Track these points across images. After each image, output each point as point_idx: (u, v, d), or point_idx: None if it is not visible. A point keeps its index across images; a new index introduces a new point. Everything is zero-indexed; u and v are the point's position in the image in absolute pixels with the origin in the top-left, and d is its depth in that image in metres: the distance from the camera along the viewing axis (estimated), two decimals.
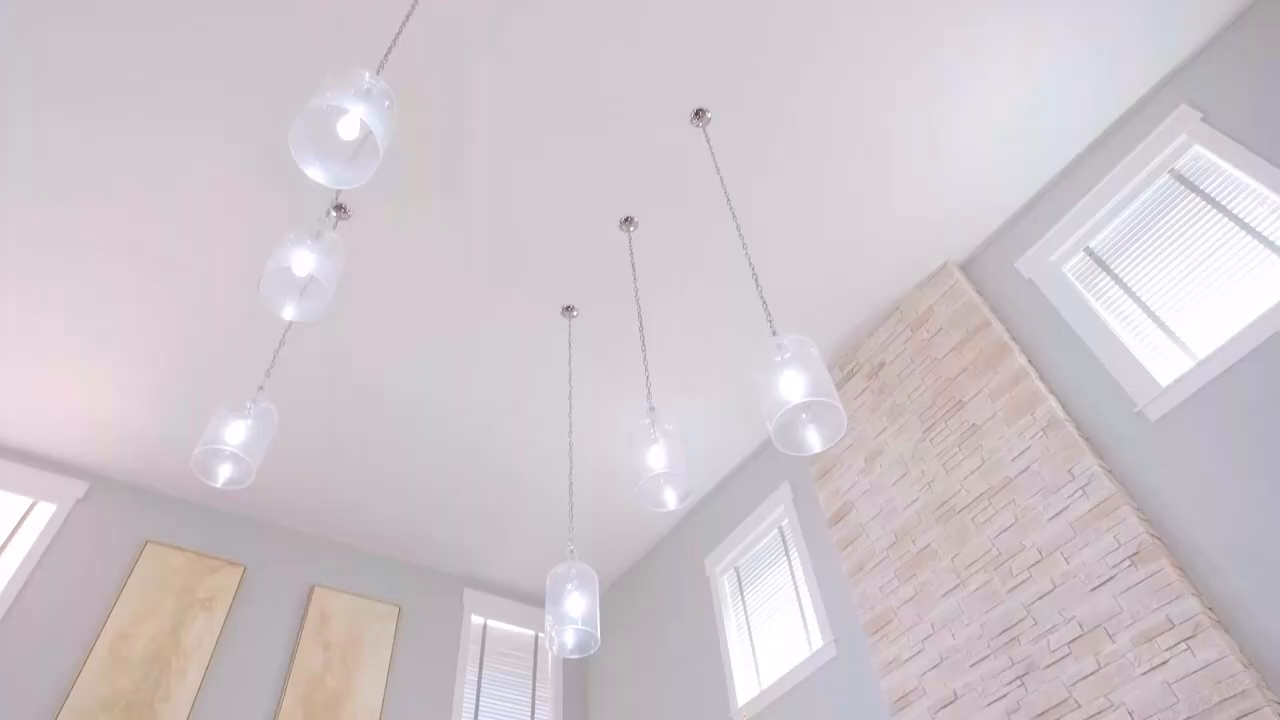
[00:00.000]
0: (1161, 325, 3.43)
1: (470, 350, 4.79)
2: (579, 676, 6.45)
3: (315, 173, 2.51)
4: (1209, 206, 3.46)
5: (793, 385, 2.37)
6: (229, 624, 5.33)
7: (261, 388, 3.27)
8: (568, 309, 4.58)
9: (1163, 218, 3.63)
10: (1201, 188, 3.52)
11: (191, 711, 4.84)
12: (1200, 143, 3.54)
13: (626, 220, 4.15)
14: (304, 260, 2.92)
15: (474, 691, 5.96)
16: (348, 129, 2.50)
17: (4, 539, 5.02)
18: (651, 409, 3.13)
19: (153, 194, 4.00)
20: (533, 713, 6.09)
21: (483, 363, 4.86)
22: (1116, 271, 3.72)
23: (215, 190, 4.00)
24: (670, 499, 3.02)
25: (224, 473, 3.19)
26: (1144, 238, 3.67)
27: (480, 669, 6.13)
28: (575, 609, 3.06)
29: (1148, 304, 3.53)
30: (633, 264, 4.12)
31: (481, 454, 5.45)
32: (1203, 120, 3.56)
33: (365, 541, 6.15)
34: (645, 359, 3.77)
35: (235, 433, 3.13)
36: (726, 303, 4.58)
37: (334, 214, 4.23)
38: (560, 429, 5.33)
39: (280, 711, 5.08)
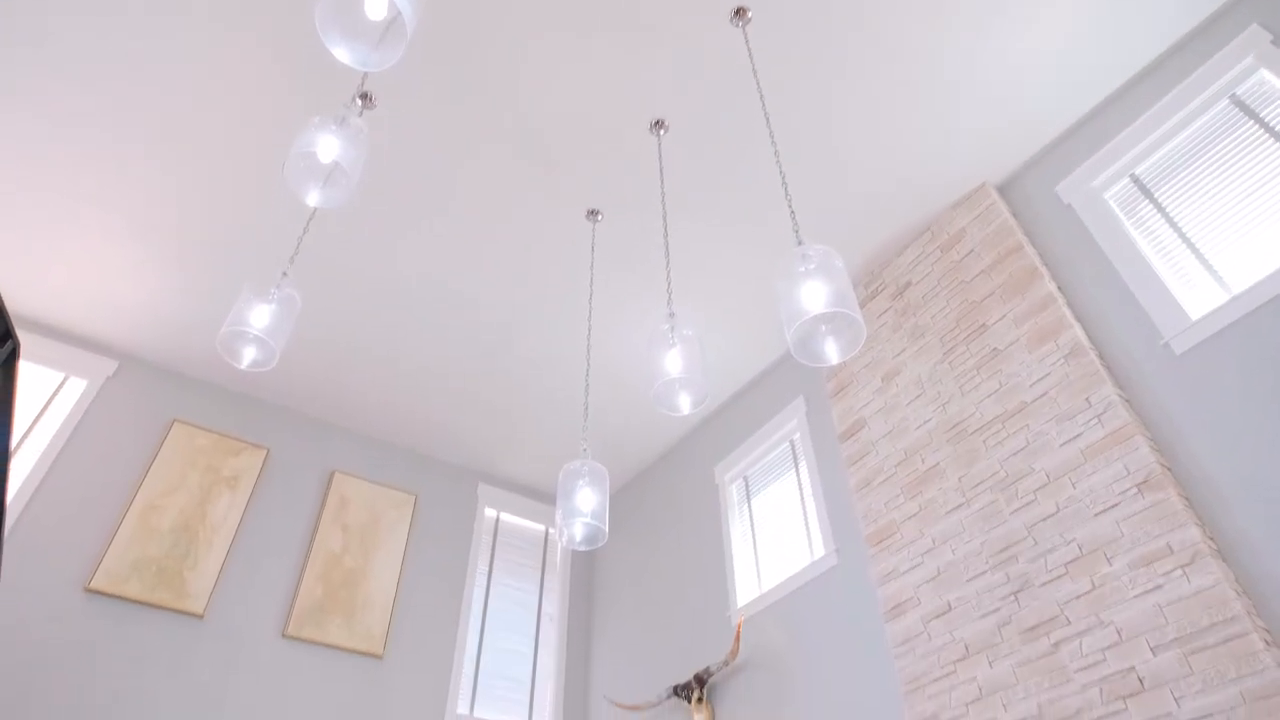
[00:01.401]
0: (1199, 257, 3.35)
1: (493, 249, 4.77)
2: (586, 570, 6.72)
3: (341, 53, 2.44)
4: (1267, 136, 3.30)
5: (814, 296, 2.36)
6: (252, 502, 5.55)
7: (285, 274, 3.29)
8: (592, 213, 4.52)
9: (1215, 145, 3.48)
10: (1262, 116, 3.36)
11: (217, 580, 5.11)
12: (1268, 67, 3.35)
13: (657, 124, 4.04)
14: (329, 146, 2.89)
15: (484, 580, 6.23)
16: (376, 8, 2.42)
17: (39, 410, 5.20)
18: (671, 314, 3.13)
19: (180, 76, 3.93)
20: (540, 602, 6.38)
21: (505, 262, 4.85)
22: (1160, 200, 3.60)
23: (242, 73, 3.92)
24: (685, 404, 3.06)
25: (248, 355, 3.25)
26: (1193, 166, 3.53)
27: (491, 559, 6.39)
28: (585, 504, 3.15)
29: (1188, 235, 3.43)
30: (660, 169, 4.04)
31: (500, 353, 5.52)
32: (1273, 43, 3.36)
33: (384, 432, 6.31)
34: (668, 266, 3.75)
35: (259, 316, 3.17)
36: (754, 214, 4.50)
37: (359, 102, 4.15)
38: (579, 332, 5.36)
39: (301, 586, 5.35)
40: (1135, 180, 3.74)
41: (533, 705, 5.82)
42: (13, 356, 3.04)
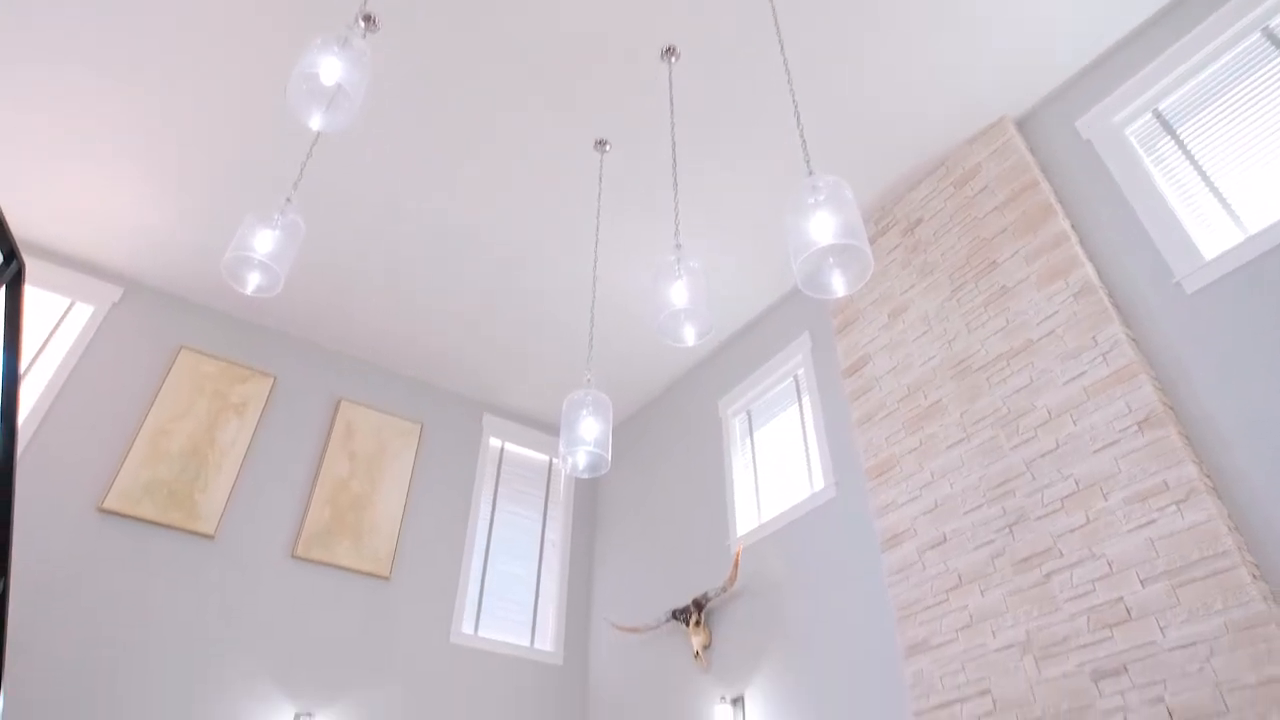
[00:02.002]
0: (1218, 195, 3.29)
1: (499, 178, 4.70)
2: (589, 499, 6.85)
3: None
4: None
5: (823, 227, 2.33)
6: (260, 428, 5.63)
7: (289, 199, 3.25)
8: (600, 143, 4.44)
9: (1243, 81, 3.38)
10: None
11: (227, 502, 5.22)
12: None
13: (668, 50, 3.93)
14: (331, 68, 2.82)
15: (489, 507, 6.36)
16: None
17: (46, 336, 5.23)
18: (678, 246, 3.10)
19: None
20: (544, 530, 6.52)
21: (511, 191, 4.79)
22: (1182, 136, 3.52)
23: None
24: (689, 335, 3.06)
25: (253, 280, 3.24)
26: (1218, 101, 3.44)
27: (496, 487, 6.51)
28: (589, 432, 3.18)
29: (1208, 173, 3.36)
30: (671, 98, 3.95)
31: (506, 283, 5.50)
32: None
33: (390, 361, 6.35)
34: (676, 198, 3.69)
35: (263, 241, 3.15)
36: (765, 147, 4.41)
37: (362, 24, 4.03)
38: (585, 264, 5.33)
39: (309, 509, 5.47)
40: (1158, 116, 3.64)
41: (535, 627, 6.01)
42: (18, 278, 3.04)
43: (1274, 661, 2.34)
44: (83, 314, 5.36)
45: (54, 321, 5.32)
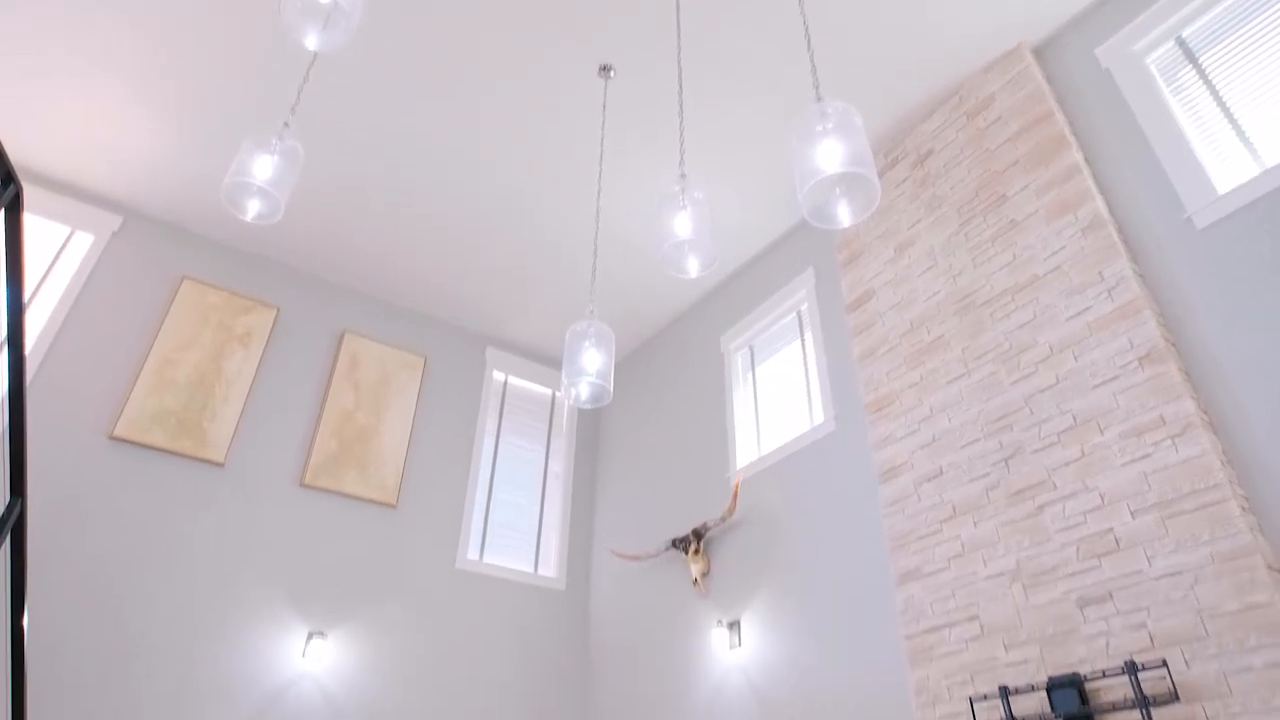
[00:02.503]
0: (1236, 127, 3.21)
1: (503, 106, 4.60)
2: (591, 432, 6.93)
3: None
4: None
5: (830, 155, 2.28)
6: (265, 359, 5.67)
7: (287, 124, 3.19)
8: (604, 69, 4.32)
9: (1270, 7, 3.25)
10: None
11: (235, 432, 5.30)
12: None
13: None
14: None
15: (493, 439, 6.44)
16: None
17: (48, 265, 5.22)
18: (683, 175, 3.05)
19: None
20: (546, 461, 6.63)
21: (515, 120, 4.69)
22: (1204, 65, 3.41)
23: None
24: (693, 267, 3.04)
25: (253, 207, 3.21)
26: (1244, 29, 3.32)
27: (499, 420, 6.58)
28: (591, 364, 3.20)
29: (1228, 104, 3.27)
30: (678, 21, 3.82)
31: (509, 214, 5.44)
32: None
33: (393, 294, 6.34)
34: (681, 126, 3.61)
35: (262, 167, 3.11)
36: (774, 76, 4.29)
37: None
38: (589, 194, 5.26)
39: (315, 439, 5.55)
40: (1180, 44, 3.53)
41: (538, 554, 6.17)
42: (17, 201, 3.01)
43: (1256, 590, 2.40)
44: (83, 243, 5.34)
45: (54, 251, 5.30)
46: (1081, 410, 3.04)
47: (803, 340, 5.04)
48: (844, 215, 2.36)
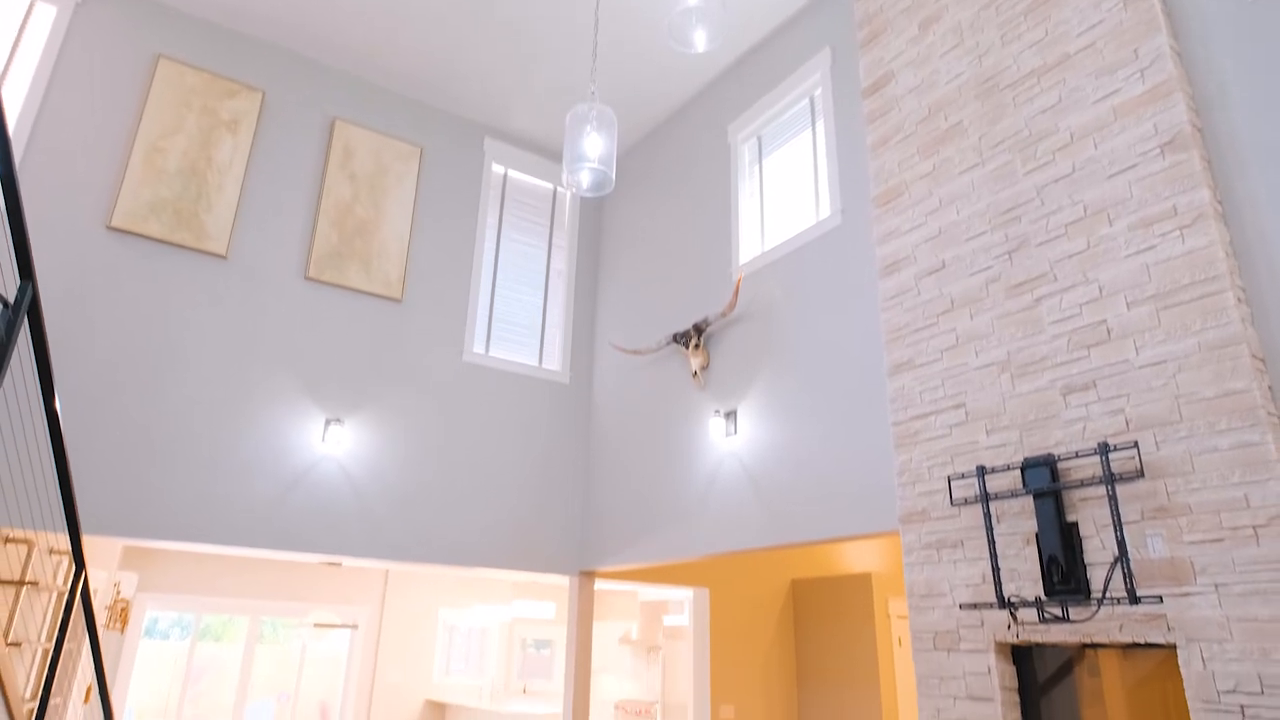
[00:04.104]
0: None
1: None
2: (594, 229, 6.87)
3: None
4: None
5: None
6: (256, 148, 5.48)
7: None
8: None
9: None
10: None
11: (234, 223, 5.25)
12: None
13: None
14: None
15: (494, 235, 6.39)
16: None
17: (12, 43, 4.88)
18: None
19: None
20: (549, 258, 6.63)
21: None
22: None
23: None
24: (700, 40, 2.83)
25: None
26: None
27: (500, 215, 6.49)
28: (592, 149, 3.09)
29: None
30: None
31: None
32: None
33: (387, 78, 6.00)
34: None
35: None
36: None
37: None
38: None
39: (316, 232, 5.51)
40: None
41: (542, 349, 6.35)
42: None
43: (1237, 377, 2.48)
44: (46, 16, 4.96)
45: (15, 26, 4.94)
46: (1093, 200, 2.97)
47: (814, 129, 4.82)
48: None
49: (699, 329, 5.04)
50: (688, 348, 5.10)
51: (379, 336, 5.61)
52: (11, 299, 2.70)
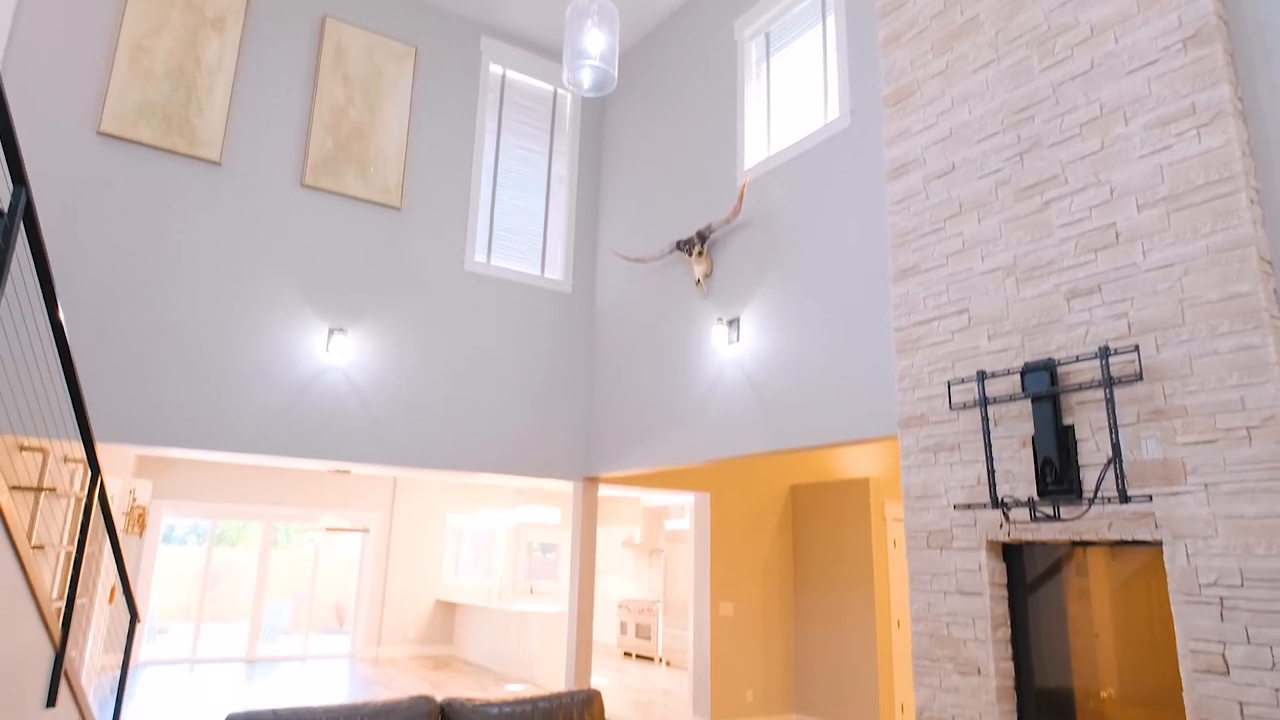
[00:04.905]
0: None
1: None
2: (595, 134, 6.69)
3: None
4: None
5: None
6: (245, 49, 5.29)
7: None
8: None
9: None
10: None
11: (226, 128, 5.12)
12: None
13: None
14: None
15: (494, 139, 6.24)
16: None
17: None
18: None
19: None
20: (550, 163, 6.49)
21: None
22: None
23: None
24: None
25: None
26: None
27: (500, 118, 6.31)
28: (594, 45, 2.97)
29: None
30: None
31: None
32: None
33: None
34: None
35: None
36: None
37: None
38: None
39: (310, 137, 5.38)
40: None
41: (544, 257, 6.30)
42: None
43: (1243, 279, 2.47)
44: None
45: None
46: (1110, 98, 2.88)
47: (824, 24, 4.63)
48: None
49: (702, 236, 4.99)
50: (691, 255, 5.06)
51: (379, 246, 5.56)
52: (5, 206, 2.66)
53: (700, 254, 5.00)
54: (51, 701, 3.15)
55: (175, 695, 7.21)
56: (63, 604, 4.25)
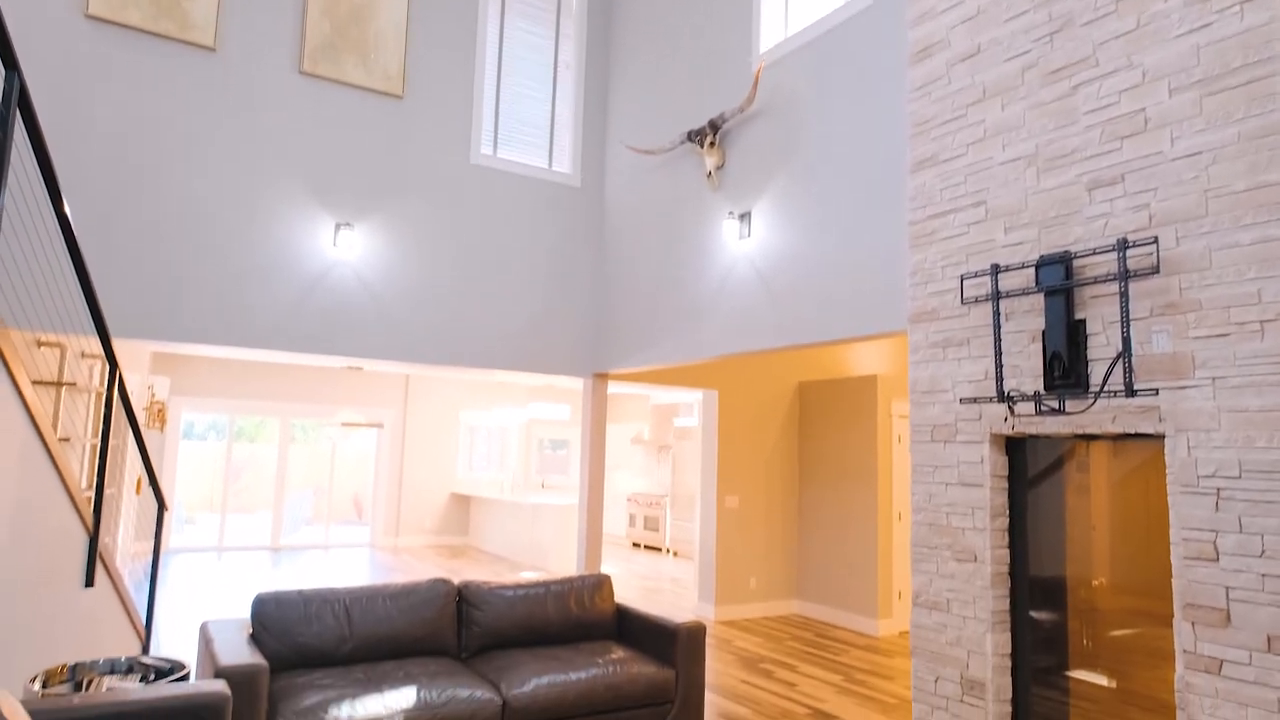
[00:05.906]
0: None
1: None
2: (603, 17, 6.38)
3: None
4: None
5: None
6: None
7: None
8: None
9: None
10: None
11: (218, 12, 4.90)
12: None
13: None
14: None
15: (497, 23, 5.97)
16: None
17: None
18: None
19: None
20: (556, 49, 6.22)
21: None
22: None
23: None
24: None
25: None
26: None
27: (503, 3, 6.02)
28: None
29: None
30: None
31: None
32: None
33: None
34: None
35: None
36: None
37: None
38: None
39: (306, 20, 5.16)
40: None
41: (552, 150, 6.15)
42: None
43: (1273, 168, 2.38)
44: None
45: None
46: None
47: None
48: None
49: (715, 126, 4.83)
50: (703, 146, 4.92)
51: (383, 137, 5.42)
52: None
53: (712, 145, 4.85)
54: (89, 582, 3.32)
55: (205, 579, 7.60)
56: (92, 493, 4.43)
